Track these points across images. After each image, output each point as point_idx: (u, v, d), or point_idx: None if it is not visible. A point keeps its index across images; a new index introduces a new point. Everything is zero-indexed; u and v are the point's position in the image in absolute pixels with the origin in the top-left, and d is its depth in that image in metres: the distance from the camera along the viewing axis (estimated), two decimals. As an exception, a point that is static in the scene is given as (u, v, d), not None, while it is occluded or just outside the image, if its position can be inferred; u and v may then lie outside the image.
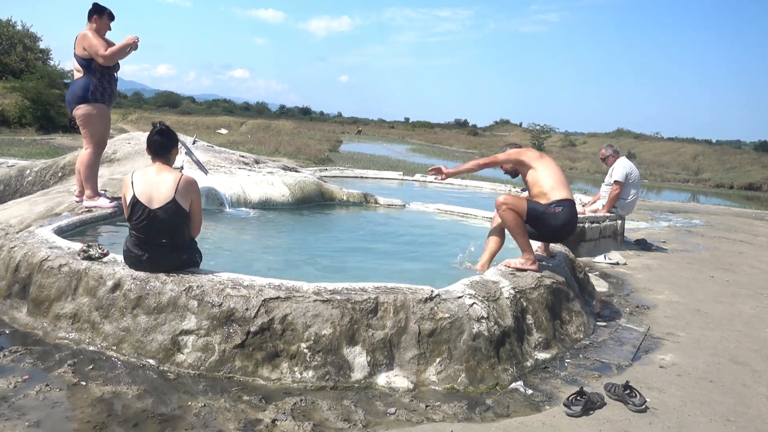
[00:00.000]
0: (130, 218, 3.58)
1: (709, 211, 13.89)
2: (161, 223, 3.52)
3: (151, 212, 3.50)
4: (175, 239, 3.60)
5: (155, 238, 3.53)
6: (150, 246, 3.53)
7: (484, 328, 3.50)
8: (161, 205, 3.52)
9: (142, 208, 3.50)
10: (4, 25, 33.74)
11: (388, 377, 3.26)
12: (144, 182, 3.56)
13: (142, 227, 3.52)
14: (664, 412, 3.18)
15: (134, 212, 3.53)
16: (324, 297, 3.34)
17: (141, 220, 3.51)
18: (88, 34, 5.13)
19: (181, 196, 3.56)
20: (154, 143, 3.70)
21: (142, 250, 3.53)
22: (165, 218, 3.52)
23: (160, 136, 3.72)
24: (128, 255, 3.59)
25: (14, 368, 3.10)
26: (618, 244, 7.95)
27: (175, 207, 3.54)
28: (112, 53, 5.11)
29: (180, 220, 3.60)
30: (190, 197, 3.63)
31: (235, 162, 8.10)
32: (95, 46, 5.08)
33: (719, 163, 36.94)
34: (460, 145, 49.28)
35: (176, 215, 3.56)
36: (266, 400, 2.97)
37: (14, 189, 7.80)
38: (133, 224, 3.57)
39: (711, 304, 5.44)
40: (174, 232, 3.59)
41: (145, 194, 3.52)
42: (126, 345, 3.33)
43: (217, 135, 29.86)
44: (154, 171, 3.63)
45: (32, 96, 25.83)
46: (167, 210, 3.52)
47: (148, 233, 3.52)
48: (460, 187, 11.34)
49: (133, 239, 3.57)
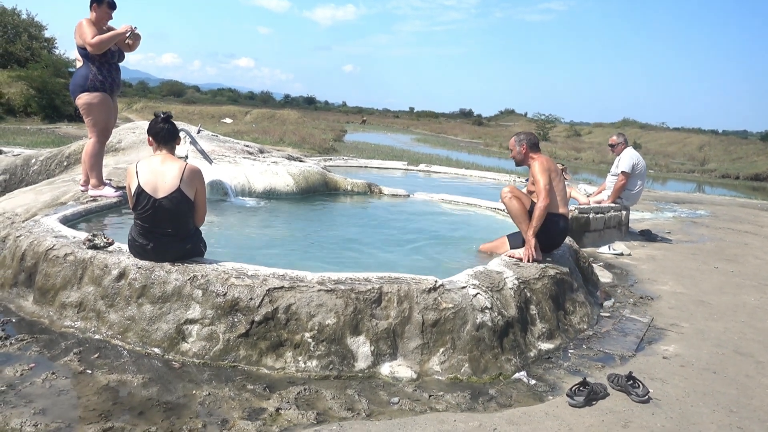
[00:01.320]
0: (135, 207, 3.59)
1: (715, 202, 13.84)
2: (166, 212, 3.53)
3: (156, 201, 3.51)
4: (180, 229, 3.61)
5: (160, 227, 3.54)
6: (155, 235, 3.55)
7: (488, 318, 3.50)
8: (166, 194, 3.52)
9: (147, 197, 3.51)
10: (9, 14, 33.70)
11: (392, 367, 3.27)
12: (149, 171, 3.56)
13: (147, 216, 3.53)
14: (667, 403, 3.19)
15: (139, 202, 3.54)
16: (328, 287, 3.35)
17: (146, 210, 3.53)
18: (83, 23, 5.13)
19: (186, 186, 3.58)
20: (161, 131, 3.71)
21: (147, 239, 3.54)
22: (170, 207, 3.53)
23: (167, 124, 3.74)
24: (133, 244, 3.61)
25: (21, 356, 3.12)
26: (622, 234, 7.93)
27: (180, 196, 3.55)
28: (99, 41, 5.09)
29: (185, 209, 3.61)
30: (194, 186, 3.65)
31: (239, 152, 8.10)
32: (84, 33, 5.09)
33: (725, 153, 36.74)
34: (465, 135, 49.14)
35: (181, 204, 3.58)
36: (270, 389, 2.99)
37: (20, 178, 7.83)
38: (138, 214, 3.58)
39: (715, 295, 5.43)
40: (179, 222, 3.60)
41: (150, 184, 3.52)
42: (131, 334, 3.35)
43: (221, 124, 29.85)
44: (159, 160, 3.63)
45: (37, 85, 25.87)
46: (172, 199, 3.53)
47: (153, 222, 3.54)
48: (465, 177, 11.32)
49: (138, 228, 3.58)
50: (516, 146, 4.67)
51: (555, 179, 4.54)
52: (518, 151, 4.66)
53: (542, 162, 4.55)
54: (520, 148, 4.65)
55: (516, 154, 4.69)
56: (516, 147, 4.67)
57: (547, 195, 4.41)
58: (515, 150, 4.68)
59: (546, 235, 4.51)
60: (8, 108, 24.59)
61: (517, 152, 4.67)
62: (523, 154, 4.64)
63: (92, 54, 5.15)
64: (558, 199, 4.53)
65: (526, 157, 4.65)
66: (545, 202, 4.40)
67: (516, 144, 4.68)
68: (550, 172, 4.51)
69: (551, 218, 4.50)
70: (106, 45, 5.14)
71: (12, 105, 24.81)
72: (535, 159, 4.60)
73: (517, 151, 4.67)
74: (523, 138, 4.69)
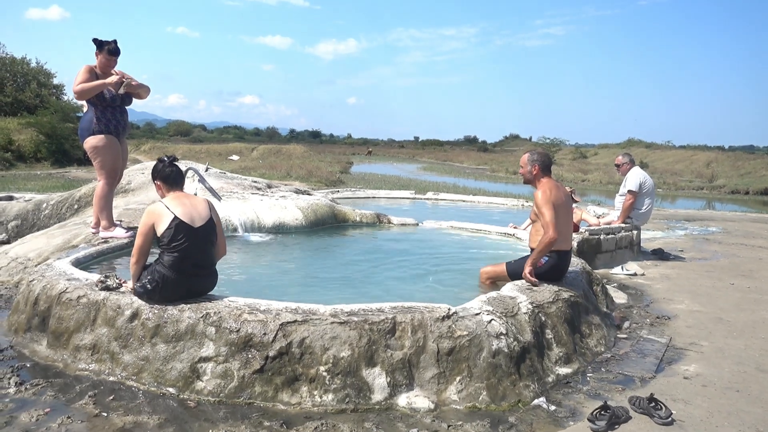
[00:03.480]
0: (171, 241, 3.53)
1: (726, 218, 13.74)
2: (204, 240, 3.62)
3: (195, 231, 3.57)
4: (212, 259, 3.73)
5: (196, 257, 3.59)
6: (192, 267, 3.58)
7: (504, 344, 3.47)
8: (203, 222, 3.62)
9: (186, 227, 3.54)
10: (18, 63, 34.49)
11: (409, 398, 3.23)
12: (181, 204, 3.63)
13: (186, 247, 3.53)
14: (692, 424, 3.12)
15: (177, 232, 3.52)
16: (341, 319, 3.33)
17: (185, 240, 3.53)
18: (81, 69, 5.27)
19: (215, 215, 3.76)
20: (171, 173, 3.80)
21: (181, 272, 3.53)
22: (206, 236, 3.63)
23: (175, 167, 3.81)
24: (165, 281, 3.51)
25: (36, 401, 3.11)
26: (635, 254, 7.87)
27: (213, 224, 3.70)
28: (81, 89, 5.21)
29: (215, 239, 3.74)
30: (217, 218, 3.80)
31: (247, 187, 8.16)
32: (75, 80, 5.24)
33: (733, 168, 36.58)
34: (471, 161, 49.31)
35: (214, 233, 3.71)
36: (287, 425, 2.96)
37: (32, 223, 7.90)
38: (173, 246, 3.53)
39: (733, 312, 5.36)
40: (212, 251, 3.72)
41: (187, 215, 3.58)
42: (146, 374, 3.33)
43: (228, 161, 30.11)
44: (183, 197, 3.72)
45: (47, 131, 26.26)
46: (208, 228, 3.64)
47: (190, 253, 3.54)
48: (472, 203, 11.32)
49: (172, 262, 3.52)
50: (528, 165, 4.57)
51: (561, 210, 4.41)
52: (528, 170, 4.57)
53: (546, 192, 4.41)
54: (531, 168, 4.56)
55: (526, 173, 4.59)
56: (528, 166, 4.57)
57: (555, 228, 4.29)
58: (526, 168, 4.59)
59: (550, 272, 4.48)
60: (19, 155, 24.93)
61: (528, 171, 4.58)
62: (533, 174, 4.55)
63: (96, 99, 5.27)
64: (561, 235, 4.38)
65: (535, 179, 4.56)
66: (552, 237, 4.27)
67: (528, 163, 4.57)
68: (555, 204, 4.37)
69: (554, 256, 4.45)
70: (88, 93, 5.23)
71: (22, 151, 25.16)
72: (542, 185, 4.50)
73: (527, 170, 4.58)
74: (536, 158, 4.58)
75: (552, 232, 4.28)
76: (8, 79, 33.92)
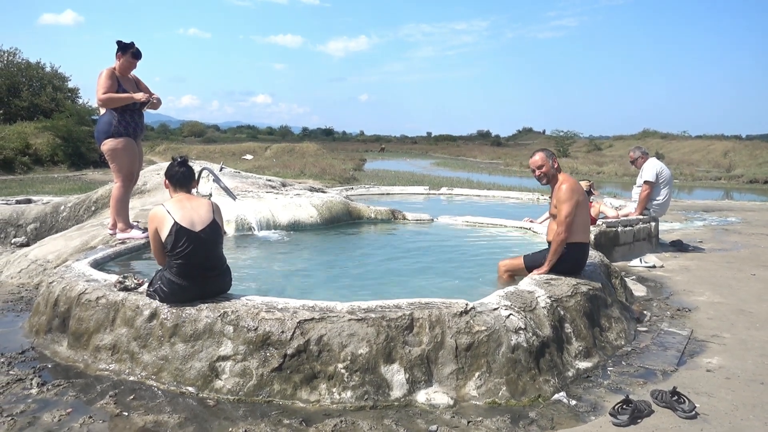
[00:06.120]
0: (173, 248, 3.51)
1: (745, 208, 13.56)
2: (206, 244, 3.58)
3: (196, 235, 3.53)
4: (219, 260, 3.69)
5: (200, 261, 3.55)
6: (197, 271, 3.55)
7: (523, 339, 3.44)
8: (204, 226, 3.58)
9: (186, 232, 3.51)
10: (34, 68, 34.86)
11: (428, 394, 3.21)
12: (181, 209, 3.60)
13: (188, 253, 3.50)
14: (716, 418, 3.08)
15: (178, 238, 3.49)
16: (358, 316, 3.32)
17: (187, 245, 3.49)
18: (102, 74, 5.30)
19: (217, 216, 3.71)
20: (176, 174, 3.80)
21: (187, 278, 3.52)
22: (209, 239, 3.59)
23: (183, 167, 3.80)
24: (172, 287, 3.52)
25: (58, 402, 3.14)
26: (653, 246, 7.79)
27: (216, 226, 3.66)
28: (108, 98, 5.25)
29: (220, 240, 3.71)
30: (221, 218, 3.78)
31: (262, 186, 8.18)
32: (98, 86, 5.27)
33: (751, 158, 36.06)
34: (484, 156, 49.09)
35: (218, 235, 3.68)
36: (306, 422, 2.95)
37: (50, 225, 7.99)
38: (177, 252, 3.51)
39: (755, 303, 5.28)
40: (217, 253, 3.69)
41: (187, 219, 3.55)
42: (165, 373, 3.35)
43: (242, 161, 30.24)
44: (185, 199, 3.69)
45: (63, 134, 26.58)
46: (211, 231, 3.60)
47: (193, 258, 3.51)
48: (487, 198, 11.26)
49: (176, 269, 3.52)
50: (548, 161, 4.45)
51: (581, 204, 4.38)
52: (551, 165, 4.45)
53: (571, 185, 4.35)
54: (552, 162, 4.46)
55: (548, 169, 4.45)
56: (548, 162, 4.45)
57: (567, 228, 4.29)
58: (547, 165, 4.45)
59: (568, 264, 4.45)
60: (36, 158, 25.23)
61: (550, 167, 4.45)
62: (556, 168, 4.47)
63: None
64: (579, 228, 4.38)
65: (558, 173, 4.48)
66: (563, 235, 4.28)
67: (548, 158, 4.46)
68: (579, 199, 4.34)
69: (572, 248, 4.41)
70: (115, 103, 5.28)
71: (39, 155, 25.46)
72: (566, 178, 4.43)
73: (549, 166, 4.45)
74: (551, 153, 4.53)
75: (564, 231, 4.29)
76: (24, 84, 34.31)
